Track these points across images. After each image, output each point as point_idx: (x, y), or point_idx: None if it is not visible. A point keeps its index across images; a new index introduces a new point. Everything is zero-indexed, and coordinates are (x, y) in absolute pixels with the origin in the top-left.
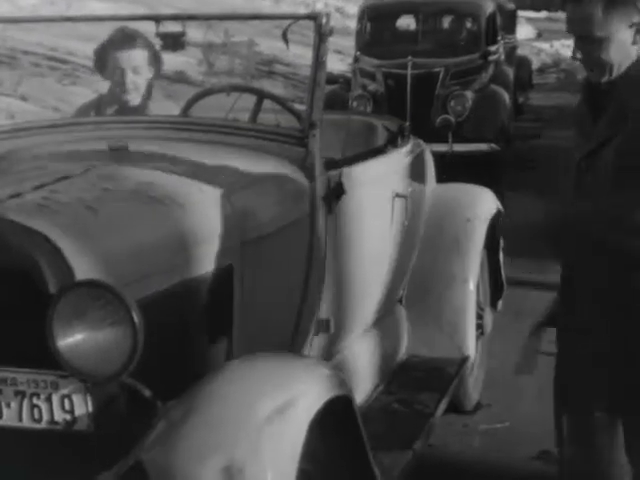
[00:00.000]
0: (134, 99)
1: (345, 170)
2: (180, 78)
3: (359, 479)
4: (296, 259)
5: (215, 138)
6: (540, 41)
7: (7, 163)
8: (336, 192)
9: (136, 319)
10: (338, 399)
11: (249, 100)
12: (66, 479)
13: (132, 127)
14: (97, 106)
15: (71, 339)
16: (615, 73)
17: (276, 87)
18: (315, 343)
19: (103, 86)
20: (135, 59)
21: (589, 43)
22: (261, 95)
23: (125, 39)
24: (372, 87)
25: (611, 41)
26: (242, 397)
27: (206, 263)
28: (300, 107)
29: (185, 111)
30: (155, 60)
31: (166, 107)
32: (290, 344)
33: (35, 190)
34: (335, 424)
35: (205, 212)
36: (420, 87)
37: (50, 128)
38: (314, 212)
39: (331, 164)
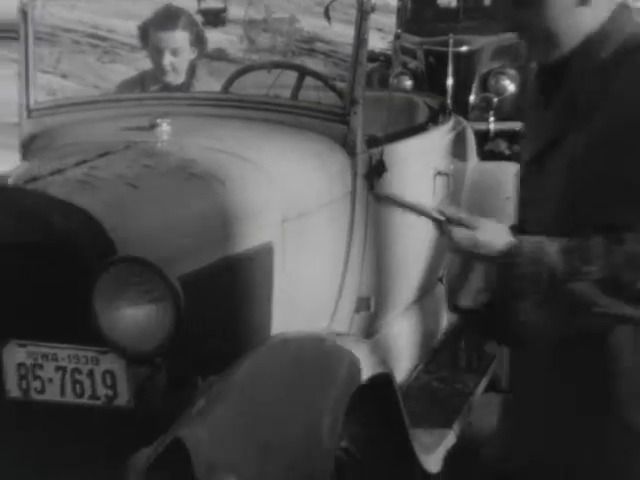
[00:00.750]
0: (174, 80)
1: (386, 147)
2: (221, 55)
3: (399, 457)
4: (337, 237)
5: (256, 115)
6: None
7: (48, 140)
8: (377, 169)
9: (177, 295)
10: (379, 377)
11: (290, 77)
12: (106, 454)
13: (174, 104)
14: (140, 82)
15: (113, 315)
16: (566, 47)
17: (317, 65)
18: (355, 321)
19: (144, 64)
20: (176, 41)
21: (523, 7)
22: (303, 72)
23: (168, 18)
24: (413, 64)
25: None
26: (282, 374)
27: (247, 240)
28: (341, 84)
29: (226, 88)
30: (198, 40)
31: (209, 85)
32: (330, 322)
33: (76, 166)
34: (375, 402)
35: (246, 189)
36: (461, 65)
37: (92, 104)
38: (355, 190)
39: (372, 141)
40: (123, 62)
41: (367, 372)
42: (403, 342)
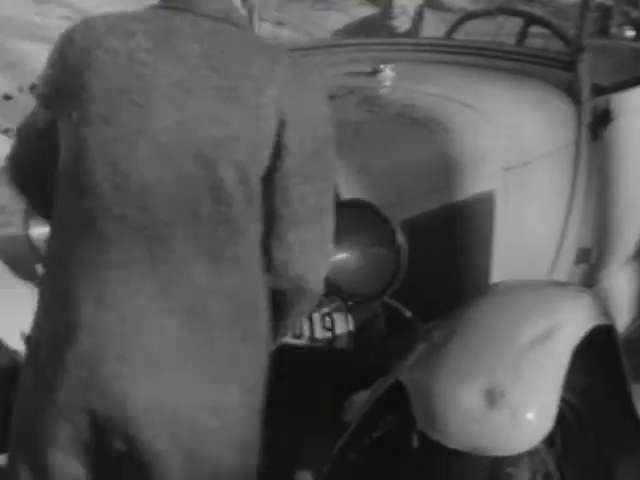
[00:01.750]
0: (400, 25)
1: (614, 96)
2: (440, 5)
3: (619, 410)
4: (559, 186)
5: (480, 61)
6: None
7: None
8: (603, 119)
9: (400, 240)
10: (600, 328)
11: (514, 24)
12: (324, 395)
13: (397, 49)
14: (364, 28)
15: (335, 258)
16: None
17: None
18: (574, 273)
19: (357, 12)
20: None
21: None
22: (529, 18)
23: None
24: (635, 14)
25: None
26: (504, 322)
27: (469, 187)
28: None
29: (450, 34)
30: None
31: (433, 31)
32: (550, 272)
33: None
34: (596, 354)
35: (469, 136)
36: None
37: (315, 49)
38: (580, 139)
39: (599, 90)
40: (337, 9)
41: (589, 323)
42: (622, 295)
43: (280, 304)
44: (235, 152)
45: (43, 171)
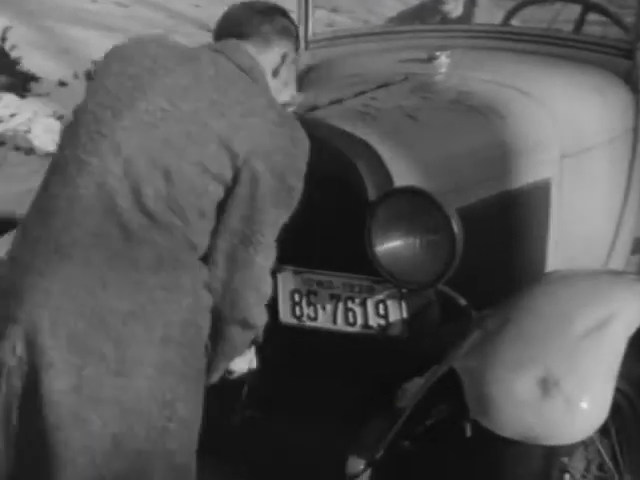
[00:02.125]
0: (454, 9)
1: None
2: None
3: None
4: (616, 174)
5: (537, 48)
6: None
7: (326, 71)
8: None
9: (455, 228)
10: None
11: (572, 11)
12: (376, 382)
13: (452, 36)
14: (418, 14)
15: (389, 245)
16: None
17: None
18: (630, 263)
19: None
20: None
21: None
22: (587, 5)
23: None
24: None
25: None
26: (559, 311)
27: (524, 175)
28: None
29: (507, 21)
30: None
31: (489, 18)
32: (606, 261)
33: (355, 97)
34: None
35: (526, 123)
36: None
37: (369, 36)
38: (637, 127)
39: None
40: None
41: None
42: None
43: None
44: None
45: None
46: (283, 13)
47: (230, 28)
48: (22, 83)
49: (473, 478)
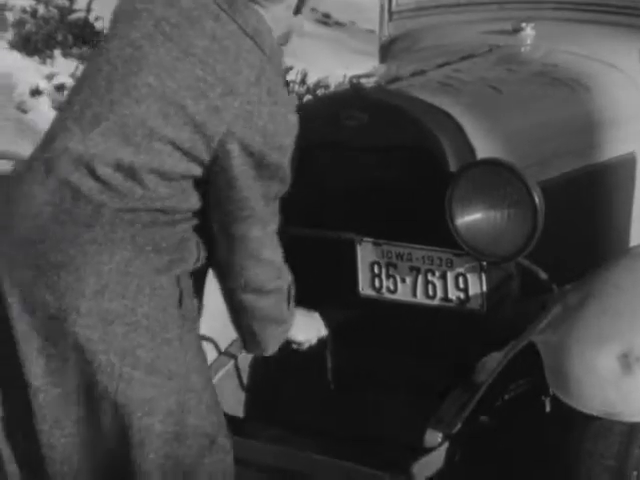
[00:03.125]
0: None
1: None
2: None
3: None
4: None
5: (623, 20)
6: None
7: (409, 42)
8: None
9: (537, 201)
10: None
11: None
12: (455, 356)
13: (537, 7)
14: None
15: (470, 218)
16: None
17: None
18: None
19: None
20: None
21: None
22: None
23: None
24: None
25: None
26: None
27: (609, 148)
28: None
29: None
30: None
31: None
32: None
33: (438, 68)
34: None
35: (611, 96)
36: None
37: (454, 7)
38: None
39: None
40: None
41: None
42: None
43: None
44: None
45: None
46: None
47: None
48: None
49: (551, 454)
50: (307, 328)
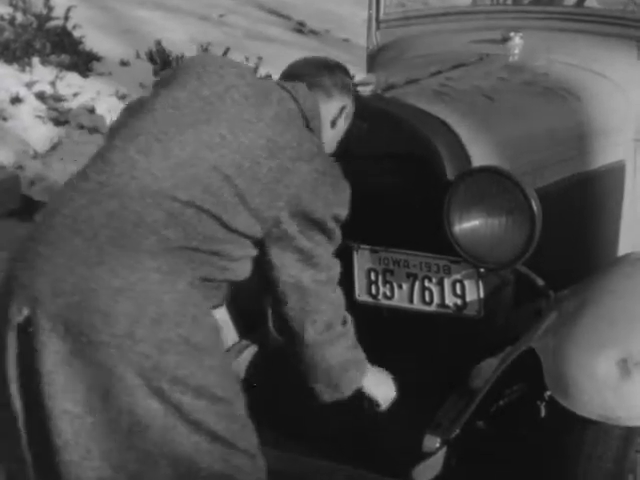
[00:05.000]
0: None
1: None
2: None
3: None
4: None
5: (610, 30)
6: None
7: (398, 51)
8: None
9: (534, 208)
10: None
11: None
12: (450, 361)
13: (525, 17)
14: None
15: (467, 225)
16: None
17: None
18: None
19: None
20: None
21: None
22: None
23: None
24: None
25: None
26: (638, 291)
27: (600, 157)
28: None
29: (580, 2)
30: None
31: None
32: None
33: (431, 77)
34: None
35: (601, 105)
36: None
37: (442, 16)
38: None
39: None
40: None
41: None
42: None
43: None
44: None
45: None
46: (345, 71)
47: (297, 77)
48: (84, 62)
49: (549, 458)
50: (384, 387)
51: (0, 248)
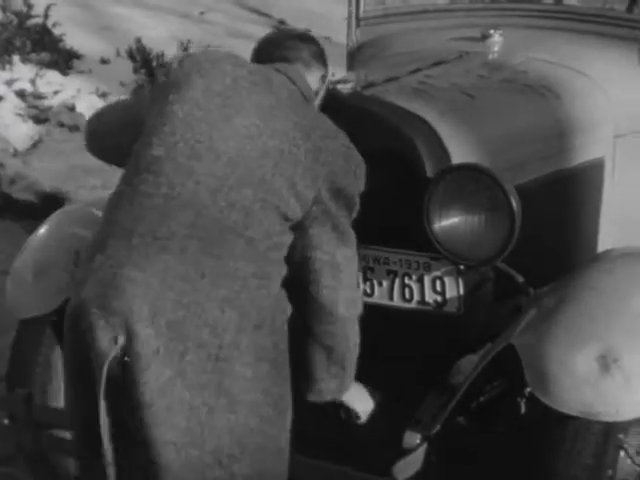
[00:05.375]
0: None
1: None
2: None
3: None
4: None
5: (589, 28)
6: None
7: (378, 48)
8: None
9: (514, 205)
10: None
11: None
12: (431, 358)
13: (504, 15)
14: None
15: (447, 222)
16: None
17: None
18: None
19: None
20: None
21: None
22: None
23: None
24: None
25: None
26: (619, 288)
27: (579, 154)
28: None
29: None
30: None
31: None
32: None
33: (411, 74)
34: None
35: (580, 102)
36: None
37: (421, 14)
38: None
39: None
40: None
41: None
42: None
43: None
44: None
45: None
46: (313, 39)
47: (273, 52)
48: (65, 60)
49: (528, 453)
50: (360, 398)
51: None
